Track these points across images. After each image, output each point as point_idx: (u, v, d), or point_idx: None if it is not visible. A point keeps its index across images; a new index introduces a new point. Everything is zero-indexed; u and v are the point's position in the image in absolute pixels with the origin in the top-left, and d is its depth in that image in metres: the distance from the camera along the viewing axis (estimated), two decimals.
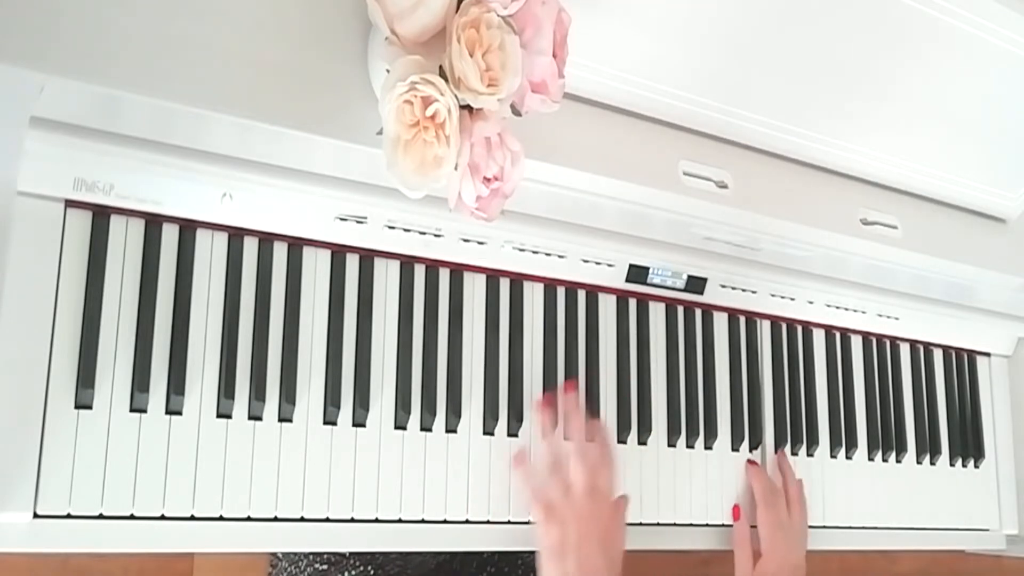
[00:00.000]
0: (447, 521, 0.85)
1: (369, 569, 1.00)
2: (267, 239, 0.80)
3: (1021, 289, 1.20)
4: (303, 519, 0.78)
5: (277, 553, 1.06)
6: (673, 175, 0.89)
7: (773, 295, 1.08)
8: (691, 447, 1.01)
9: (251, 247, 0.80)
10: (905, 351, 1.23)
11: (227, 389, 0.76)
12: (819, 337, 1.14)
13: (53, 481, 0.69)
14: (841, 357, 1.16)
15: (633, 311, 1.00)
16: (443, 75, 0.64)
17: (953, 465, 1.23)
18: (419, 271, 0.88)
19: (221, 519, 0.75)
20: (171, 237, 0.76)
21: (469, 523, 0.86)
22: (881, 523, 1.14)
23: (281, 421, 0.79)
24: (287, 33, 0.71)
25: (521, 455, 0.88)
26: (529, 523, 0.88)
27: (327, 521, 0.80)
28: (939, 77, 0.97)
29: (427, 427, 0.85)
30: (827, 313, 1.13)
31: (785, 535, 1.00)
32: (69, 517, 0.70)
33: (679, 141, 0.91)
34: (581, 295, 0.96)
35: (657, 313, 1.01)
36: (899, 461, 1.18)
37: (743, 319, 1.08)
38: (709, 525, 1.00)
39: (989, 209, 1.14)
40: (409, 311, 0.86)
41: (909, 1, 0.90)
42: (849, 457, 1.13)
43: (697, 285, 1.02)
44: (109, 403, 0.72)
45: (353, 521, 0.81)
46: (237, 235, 0.79)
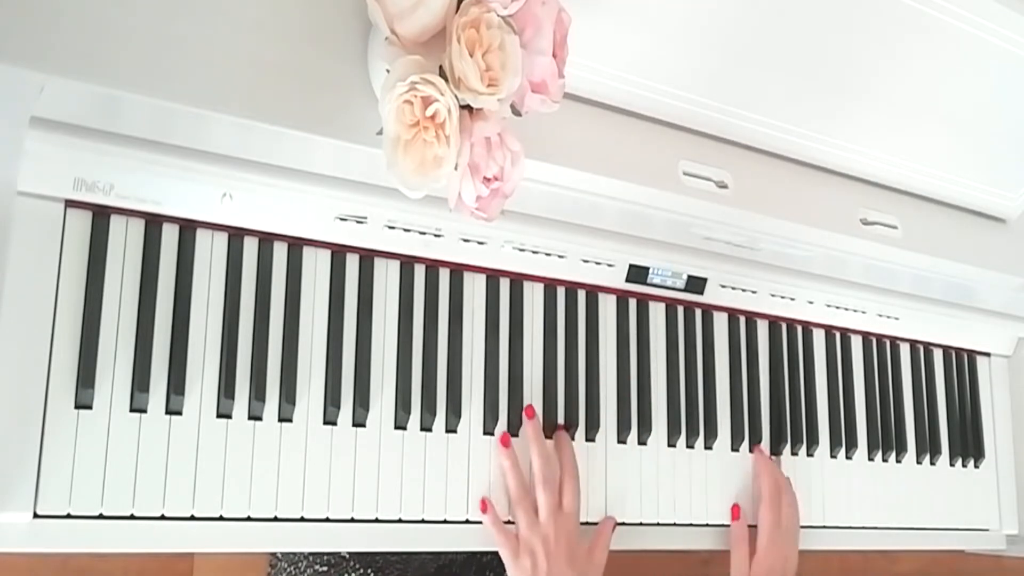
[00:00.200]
0: (447, 521, 0.85)
1: (369, 572, 1.00)
2: (267, 239, 0.80)
3: (1021, 289, 1.20)
4: (303, 519, 0.78)
5: (276, 554, 1.06)
6: (673, 175, 0.89)
7: (773, 295, 1.08)
8: (691, 447, 1.01)
9: (251, 247, 0.80)
10: (905, 351, 1.23)
11: (227, 389, 0.76)
12: (819, 337, 1.14)
13: (53, 481, 0.69)
14: (841, 357, 1.16)
15: (633, 311, 1.00)
16: (443, 75, 0.64)
17: (953, 465, 1.23)
18: (419, 271, 0.88)
19: (221, 519, 0.75)
20: (171, 237, 0.76)
21: (469, 523, 0.86)
22: (881, 523, 1.14)
23: (281, 421, 0.79)
24: (287, 33, 0.71)
25: (484, 502, 0.87)
26: None
27: (327, 521, 0.80)
28: (939, 77, 0.97)
29: (427, 427, 0.86)
30: (827, 313, 1.13)
31: (781, 532, 1.00)
32: (69, 517, 0.70)
33: (679, 141, 0.91)
34: (581, 295, 0.96)
35: (657, 313, 1.01)
36: (899, 461, 1.18)
37: (743, 319, 1.08)
38: (709, 525, 1.00)
39: (989, 209, 1.14)
40: (409, 311, 0.86)
41: (909, 1, 0.90)
42: (849, 457, 1.13)
43: (697, 285, 1.02)
44: (109, 403, 0.72)
45: (353, 521, 0.81)
46: (237, 235, 0.79)
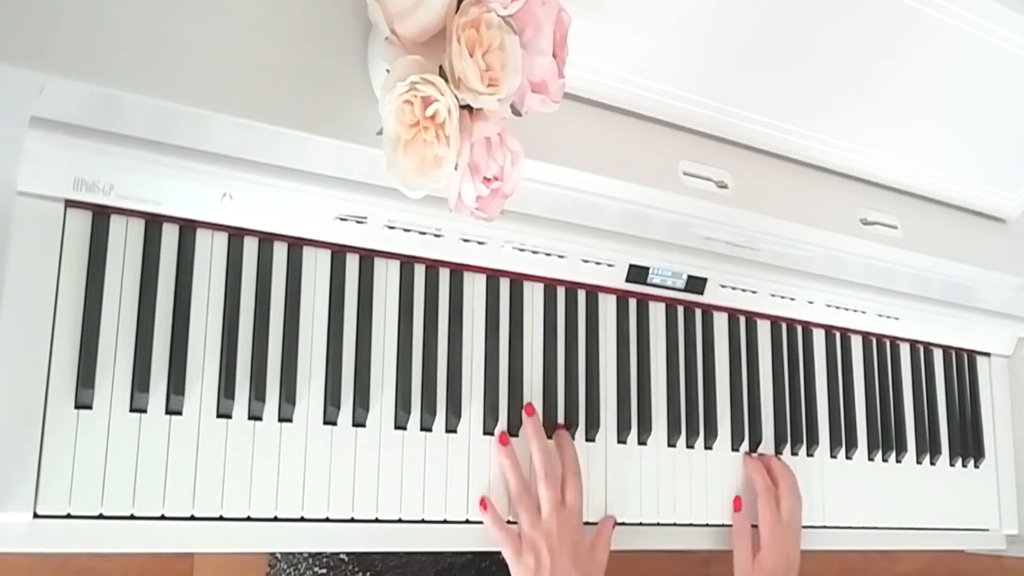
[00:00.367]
0: (447, 521, 0.85)
1: None
2: (267, 239, 0.80)
3: (1021, 289, 1.20)
4: (303, 519, 0.78)
5: (276, 554, 1.06)
6: (673, 175, 0.89)
7: (773, 295, 1.08)
8: (691, 447, 1.01)
9: (251, 247, 0.80)
10: (905, 351, 1.23)
11: (227, 389, 0.76)
12: (819, 337, 1.14)
13: (53, 481, 0.69)
14: (841, 357, 1.15)
15: (633, 311, 1.00)
16: (443, 75, 0.64)
17: (953, 465, 1.23)
18: (419, 271, 0.88)
19: (221, 519, 0.75)
20: (171, 237, 0.76)
21: (469, 523, 0.86)
22: (881, 523, 1.14)
23: (281, 421, 0.79)
24: (287, 33, 0.71)
25: (484, 501, 0.87)
26: None
27: (327, 521, 0.80)
28: (939, 77, 0.97)
29: (427, 427, 0.86)
30: (827, 313, 1.13)
31: (783, 529, 1.00)
32: (69, 517, 0.70)
33: (679, 141, 0.91)
34: (581, 295, 0.96)
35: (657, 313, 1.01)
36: (899, 461, 1.18)
37: (743, 319, 1.08)
38: (709, 525, 1.00)
39: (989, 209, 1.14)
40: (409, 311, 0.86)
41: (909, 1, 0.90)
42: (849, 457, 1.13)
43: (697, 285, 1.02)
44: (109, 403, 0.72)
45: (353, 521, 0.81)
46: (237, 235, 0.79)
